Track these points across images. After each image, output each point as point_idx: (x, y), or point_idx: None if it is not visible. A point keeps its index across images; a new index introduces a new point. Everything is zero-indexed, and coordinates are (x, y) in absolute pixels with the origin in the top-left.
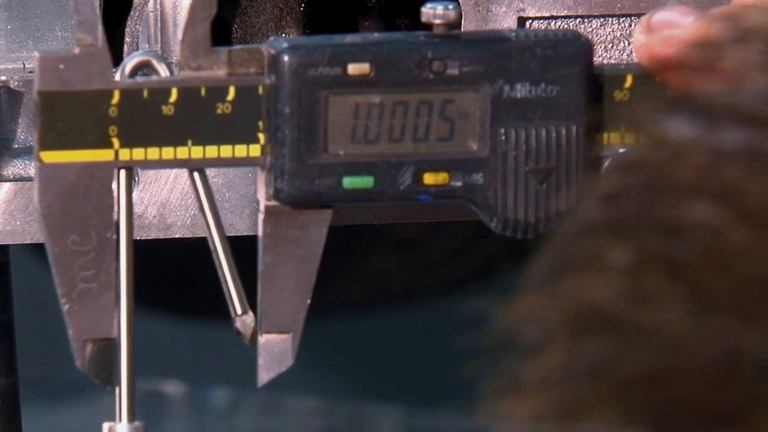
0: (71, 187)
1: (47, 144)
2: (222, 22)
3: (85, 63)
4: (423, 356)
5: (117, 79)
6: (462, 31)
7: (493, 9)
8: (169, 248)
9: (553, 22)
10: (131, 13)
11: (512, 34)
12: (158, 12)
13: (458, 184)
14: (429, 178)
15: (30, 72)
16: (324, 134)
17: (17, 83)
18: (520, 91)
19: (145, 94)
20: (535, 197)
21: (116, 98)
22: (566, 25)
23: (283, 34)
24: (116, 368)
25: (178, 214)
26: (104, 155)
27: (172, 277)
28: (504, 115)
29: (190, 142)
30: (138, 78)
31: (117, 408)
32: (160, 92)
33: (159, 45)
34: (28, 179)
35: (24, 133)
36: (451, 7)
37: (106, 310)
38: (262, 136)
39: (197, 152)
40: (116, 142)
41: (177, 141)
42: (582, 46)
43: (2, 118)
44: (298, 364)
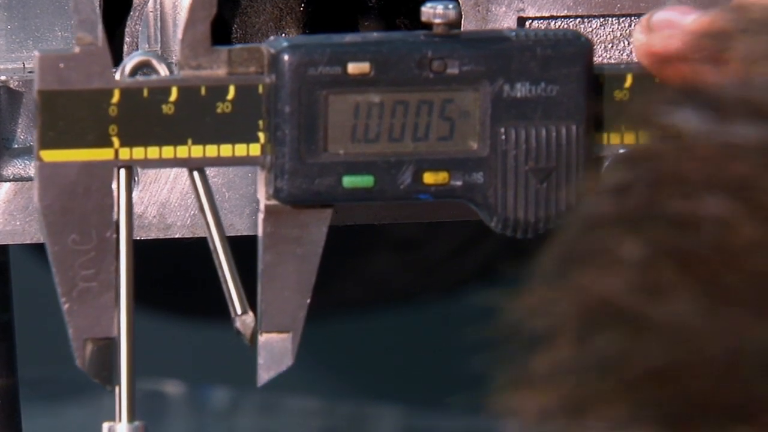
0: (71, 186)
1: (47, 143)
2: (222, 22)
3: (85, 62)
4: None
5: (117, 78)
6: (462, 30)
7: (493, 9)
8: (169, 248)
9: (553, 22)
10: (131, 13)
11: (512, 34)
12: (158, 12)
13: (458, 183)
14: (429, 178)
15: (30, 72)
16: (324, 133)
17: (17, 83)
18: (520, 90)
19: (145, 93)
20: (535, 197)
21: (116, 97)
22: (566, 25)
23: (283, 34)
24: (116, 368)
25: (178, 214)
26: (104, 154)
27: (172, 277)
28: (504, 115)
29: (190, 142)
30: (138, 77)
31: (117, 408)
32: (160, 91)
33: (159, 45)
34: (28, 179)
35: (24, 133)
36: (451, 6)
37: (106, 309)
38: (262, 135)
39: (197, 151)
40: (116, 141)
41: (177, 140)
42: (582, 45)
43: (2, 118)
44: (298, 364)
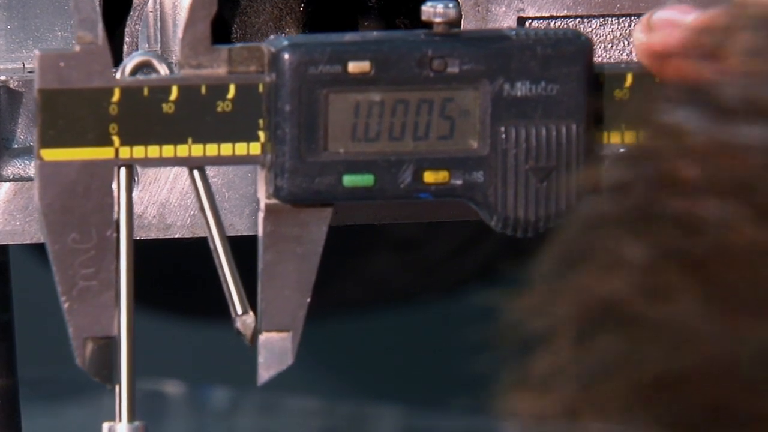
0: (71, 185)
1: (47, 142)
2: (222, 22)
3: (86, 61)
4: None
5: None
6: (462, 29)
7: (493, 9)
8: (169, 248)
9: (553, 22)
10: (131, 13)
11: (512, 33)
12: (158, 12)
13: (458, 182)
14: (429, 177)
15: (30, 72)
16: (324, 132)
17: (17, 83)
18: (521, 89)
19: (146, 92)
20: (535, 196)
21: (116, 96)
22: (566, 26)
23: (283, 34)
24: (116, 367)
25: (178, 214)
26: (104, 153)
27: (172, 277)
28: (504, 114)
29: (190, 140)
30: (138, 76)
31: (117, 408)
32: (161, 90)
33: (159, 45)
34: (28, 179)
35: (24, 132)
36: (451, 5)
37: (107, 308)
38: (262, 134)
39: (197, 150)
40: (116, 140)
41: (177, 139)
42: (582, 44)
43: (2, 118)
44: (298, 363)
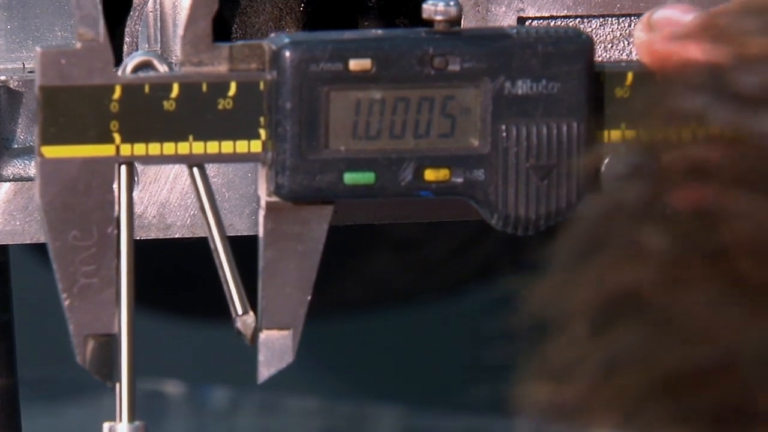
0: (72, 183)
1: (48, 139)
2: (222, 22)
3: (87, 58)
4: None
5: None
6: (463, 27)
7: (493, 9)
8: (169, 248)
9: (553, 22)
10: (131, 13)
11: (513, 31)
12: (158, 12)
13: (459, 180)
14: (430, 175)
15: (30, 72)
16: (325, 130)
17: (17, 83)
18: (521, 87)
19: (147, 89)
20: (536, 194)
21: (117, 93)
22: (566, 26)
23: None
24: (116, 367)
25: (178, 214)
26: (105, 150)
27: (172, 277)
28: (505, 112)
29: (191, 138)
30: (140, 73)
31: (117, 408)
32: (162, 87)
33: (159, 45)
34: (28, 179)
35: (24, 132)
36: (452, 3)
37: (107, 306)
38: (263, 131)
39: (198, 147)
40: (117, 137)
41: (178, 136)
42: (583, 43)
43: (2, 118)
44: (298, 363)
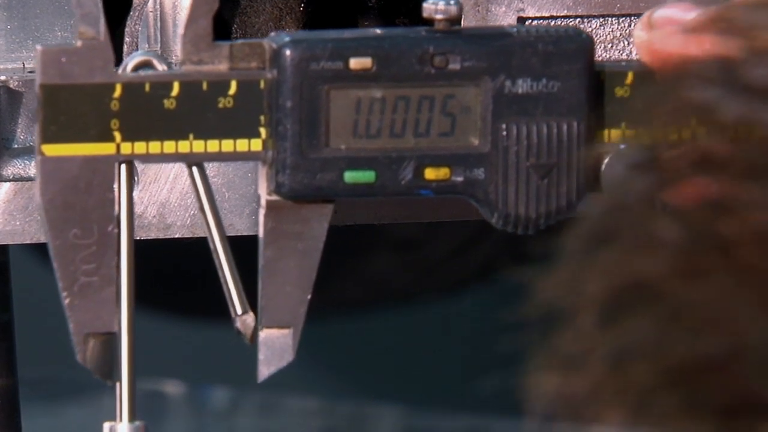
0: (73, 181)
1: (49, 137)
2: (222, 22)
3: (87, 56)
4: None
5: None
6: (463, 26)
7: (493, 9)
8: (169, 248)
9: (553, 22)
10: (131, 13)
11: (514, 30)
12: (158, 12)
13: (459, 179)
14: (430, 173)
15: (30, 72)
16: (325, 128)
17: (17, 83)
18: (522, 86)
19: (147, 87)
20: (536, 193)
21: (118, 92)
22: (566, 25)
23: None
24: (117, 366)
25: (178, 214)
26: (106, 149)
27: (172, 277)
28: (505, 111)
29: (191, 136)
30: (140, 72)
31: (117, 407)
32: (162, 86)
33: (159, 45)
34: (28, 179)
35: (24, 133)
36: (452, 2)
37: (108, 304)
38: (263, 130)
39: (199, 146)
40: (118, 135)
41: (178, 135)
42: (583, 42)
43: (2, 118)
44: (298, 363)
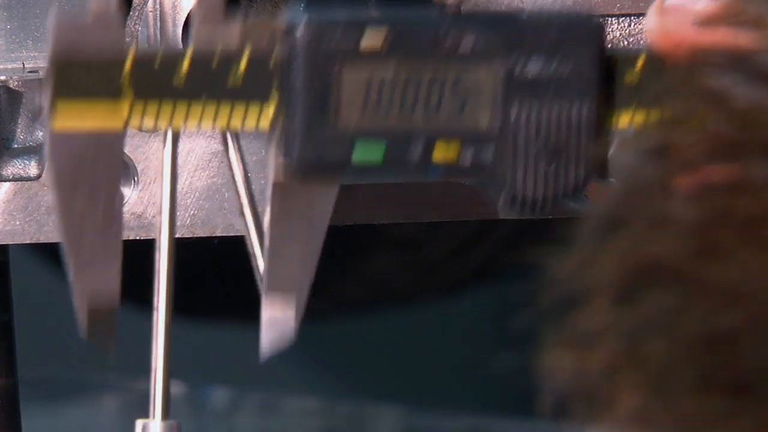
0: (81, 155)
1: (59, 111)
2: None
3: (99, 30)
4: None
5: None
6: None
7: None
8: None
9: None
10: (131, 13)
11: (526, 12)
12: (157, 12)
13: (468, 160)
14: (439, 154)
15: (30, 72)
16: (336, 106)
17: (17, 83)
18: (533, 68)
19: (158, 63)
20: (544, 175)
21: (128, 66)
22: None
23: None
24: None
25: (178, 214)
26: (115, 122)
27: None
28: (516, 93)
29: (201, 112)
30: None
31: (151, 405)
32: (173, 62)
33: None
34: (28, 179)
35: (24, 132)
36: None
37: (113, 279)
38: (273, 107)
39: (207, 122)
40: (127, 110)
41: (188, 111)
42: (595, 25)
43: (2, 118)
44: (298, 364)
